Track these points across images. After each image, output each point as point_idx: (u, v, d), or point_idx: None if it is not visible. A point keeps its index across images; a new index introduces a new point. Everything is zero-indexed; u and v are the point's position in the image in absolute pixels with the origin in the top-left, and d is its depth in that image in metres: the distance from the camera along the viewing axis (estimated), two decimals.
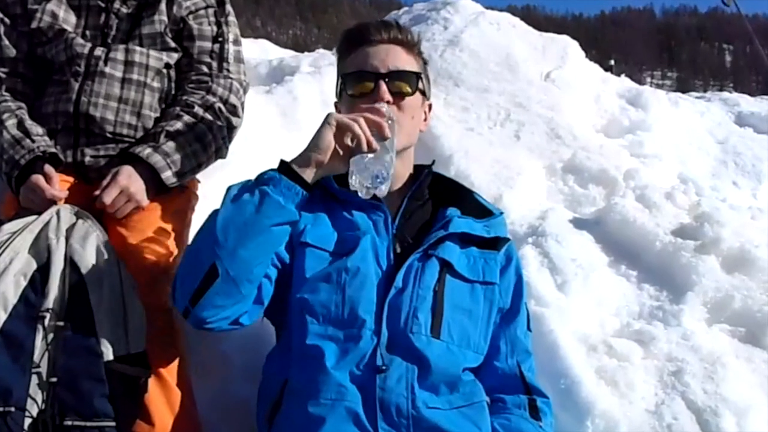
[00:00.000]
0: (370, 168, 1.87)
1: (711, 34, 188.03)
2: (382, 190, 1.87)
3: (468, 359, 2.00)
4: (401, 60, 2.11)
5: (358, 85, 2.09)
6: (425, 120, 2.23)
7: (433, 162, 2.27)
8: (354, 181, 1.86)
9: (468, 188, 2.26)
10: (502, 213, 2.23)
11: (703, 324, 3.04)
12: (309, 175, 1.90)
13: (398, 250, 2.02)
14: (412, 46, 2.17)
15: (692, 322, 3.02)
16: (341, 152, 1.92)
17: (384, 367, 1.85)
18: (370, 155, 1.88)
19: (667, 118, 5.16)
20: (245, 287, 1.86)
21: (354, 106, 2.05)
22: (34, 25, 2.59)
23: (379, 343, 1.87)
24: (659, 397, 2.68)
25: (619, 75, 6.48)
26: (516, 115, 4.64)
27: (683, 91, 6.83)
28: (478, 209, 2.18)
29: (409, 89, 2.10)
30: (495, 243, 2.13)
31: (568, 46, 5.70)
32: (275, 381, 1.96)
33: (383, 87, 2.05)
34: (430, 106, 2.26)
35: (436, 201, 2.19)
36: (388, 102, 2.03)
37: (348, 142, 1.90)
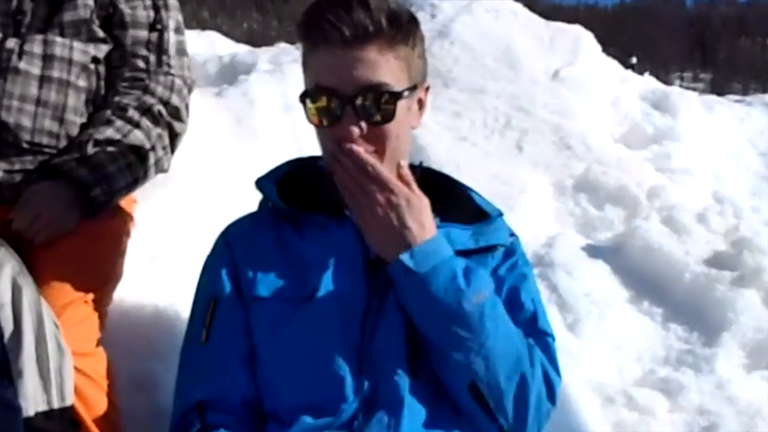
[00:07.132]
0: None
1: (752, 27, 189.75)
2: None
3: None
4: (376, 70, 1.86)
5: (318, 114, 1.90)
6: (420, 109, 2.09)
7: (421, 163, 2.15)
8: None
9: (465, 186, 2.17)
10: (501, 214, 2.13)
11: (740, 370, 3.09)
12: None
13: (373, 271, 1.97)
14: (393, 36, 1.89)
15: (728, 368, 3.07)
16: None
17: (358, 427, 1.84)
18: None
19: (700, 126, 5.23)
20: None
21: (319, 136, 1.96)
22: None
23: (361, 398, 1.86)
24: None
25: (641, 74, 6.53)
26: (518, 121, 4.69)
27: (719, 94, 6.90)
28: (471, 211, 2.10)
29: (387, 115, 1.89)
30: (487, 248, 2.05)
31: (581, 38, 5.76)
32: None
33: (350, 119, 1.85)
34: (427, 90, 2.11)
35: None
36: (360, 134, 1.87)
37: None
